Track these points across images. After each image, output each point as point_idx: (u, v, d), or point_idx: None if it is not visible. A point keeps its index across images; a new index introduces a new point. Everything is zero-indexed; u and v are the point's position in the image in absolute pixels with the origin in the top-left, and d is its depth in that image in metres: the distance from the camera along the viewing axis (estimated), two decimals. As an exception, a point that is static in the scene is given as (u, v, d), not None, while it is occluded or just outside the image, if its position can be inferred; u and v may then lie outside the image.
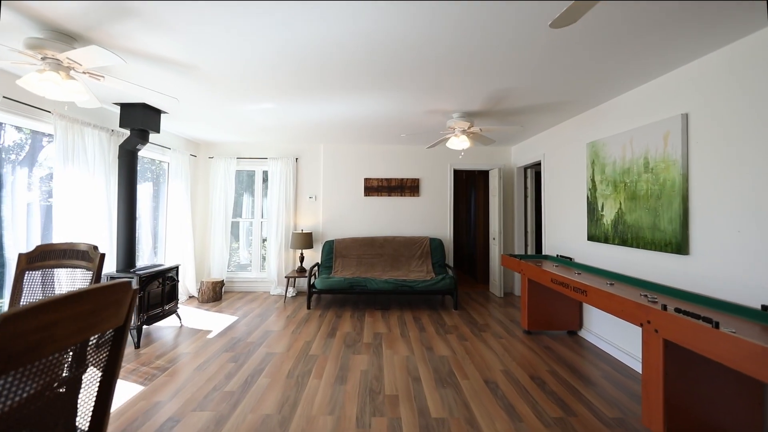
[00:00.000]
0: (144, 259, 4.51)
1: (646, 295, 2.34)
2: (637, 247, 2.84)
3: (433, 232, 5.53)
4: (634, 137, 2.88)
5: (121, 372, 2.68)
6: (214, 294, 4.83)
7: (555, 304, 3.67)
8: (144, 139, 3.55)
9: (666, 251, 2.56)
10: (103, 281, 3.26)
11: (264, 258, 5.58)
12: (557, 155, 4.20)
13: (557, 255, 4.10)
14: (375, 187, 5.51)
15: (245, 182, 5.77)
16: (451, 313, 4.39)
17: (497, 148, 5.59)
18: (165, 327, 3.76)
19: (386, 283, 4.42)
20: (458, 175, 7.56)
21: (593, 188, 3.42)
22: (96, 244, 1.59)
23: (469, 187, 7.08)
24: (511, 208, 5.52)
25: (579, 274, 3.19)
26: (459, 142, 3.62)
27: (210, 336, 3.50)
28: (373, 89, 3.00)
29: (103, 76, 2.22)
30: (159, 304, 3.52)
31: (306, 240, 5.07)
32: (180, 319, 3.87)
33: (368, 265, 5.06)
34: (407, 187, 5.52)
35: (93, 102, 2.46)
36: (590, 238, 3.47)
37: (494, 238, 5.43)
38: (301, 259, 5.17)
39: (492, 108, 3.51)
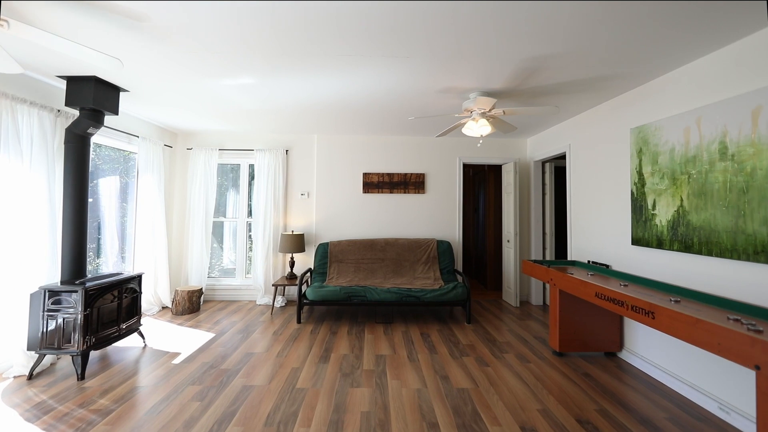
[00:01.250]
0: (108, 266, 3.88)
1: (738, 320, 1.76)
2: (709, 254, 2.26)
3: (440, 234, 4.94)
4: (704, 116, 2.30)
5: (49, 417, 2.05)
6: (191, 305, 4.20)
7: (591, 321, 3.09)
8: (97, 122, 2.92)
9: (757, 261, 1.98)
10: (40, 296, 2.65)
11: (250, 262, 4.95)
12: (588, 145, 3.62)
13: (589, 261, 3.53)
14: (375, 183, 4.91)
15: (229, 177, 5.14)
16: (463, 328, 3.80)
17: (511, 140, 5.01)
18: (125, 348, 3.14)
19: (389, 293, 3.82)
20: (465, 170, 6.98)
21: (640, 182, 2.85)
22: None
23: (477, 183, 6.50)
24: (528, 207, 4.94)
25: (625, 285, 2.61)
26: (477, 128, 3.03)
27: (177, 361, 2.88)
28: (376, 57, 2.40)
29: (5, 21, 1.60)
30: (114, 322, 2.89)
31: (297, 242, 4.45)
32: (143, 338, 3.24)
33: (368, 272, 4.45)
34: (411, 183, 4.92)
35: (5, 62, 1.84)
36: (636, 241, 2.89)
37: (509, 241, 4.85)
38: (291, 264, 4.56)
39: (518, 86, 2.92)
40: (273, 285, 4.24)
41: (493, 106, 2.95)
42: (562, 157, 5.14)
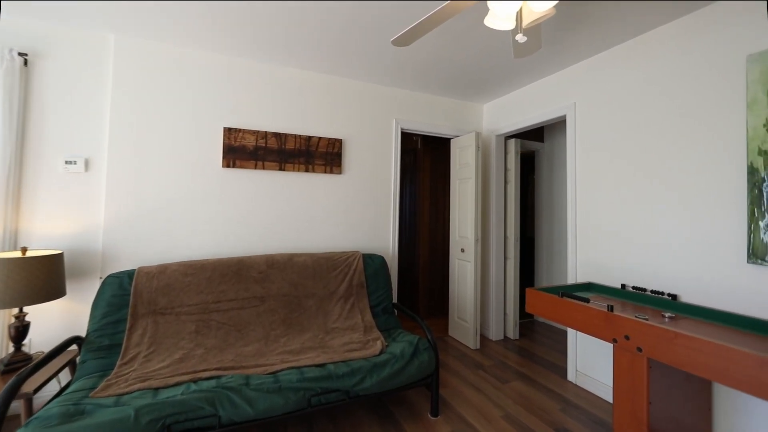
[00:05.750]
0: None
1: None
2: None
3: (366, 243, 2.97)
4: None
5: None
6: None
7: (678, 404, 1.67)
8: None
9: None
10: None
11: None
12: (620, 100, 2.25)
13: (627, 286, 2.16)
14: (250, 150, 2.59)
15: None
16: (429, 429, 1.94)
17: (461, 104, 3.46)
18: None
19: (278, 393, 1.62)
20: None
21: (778, 149, 1.54)
22: None
23: (401, 168, 4.80)
24: (487, 200, 3.47)
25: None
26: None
27: None
28: None
29: None
30: None
31: (41, 275, 1.77)
32: None
33: (228, 330, 2.12)
34: (319, 155, 2.80)
35: None
36: (759, 256, 1.58)
37: (463, 250, 3.26)
38: (20, 329, 1.82)
39: None
40: None
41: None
42: (535, 130, 3.93)
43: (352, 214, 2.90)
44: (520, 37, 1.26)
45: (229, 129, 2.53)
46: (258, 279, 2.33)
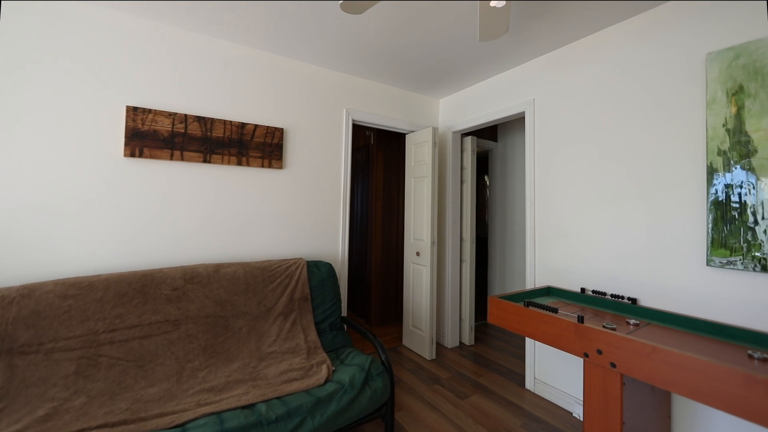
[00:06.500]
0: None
1: None
2: None
3: (311, 249, 2.61)
4: None
5: None
6: None
7: (649, 413, 1.58)
8: None
9: None
10: None
11: None
12: (583, 95, 2.17)
13: (586, 290, 2.08)
14: (164, 137, 2.08)
15: None
16: (388, 470, 1.67)
17: (415, 98, 3.24)
18: None
19: (189, 452, 1.23)
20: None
21: (737, 147, 1.50)
22: None
23: (352, 166, 4.49)
24: (443, 200, 3.29)
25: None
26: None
27: None
28: None
29: None
30: None
31: None
32: None
33: (125, 368, 1.64)
34: (254, 146, 2.37)
35: None
36: (717, 259, 1.54)
37: (419, 253, 3.05)
38: None
39: None
40: None
41: None
42: (489, 129, 3.84)
43: (294, 216, 2.51)
44: (497, 3, 1.02)
45: (135, 108, 2.00)
46: (172, 297, 1.86)
